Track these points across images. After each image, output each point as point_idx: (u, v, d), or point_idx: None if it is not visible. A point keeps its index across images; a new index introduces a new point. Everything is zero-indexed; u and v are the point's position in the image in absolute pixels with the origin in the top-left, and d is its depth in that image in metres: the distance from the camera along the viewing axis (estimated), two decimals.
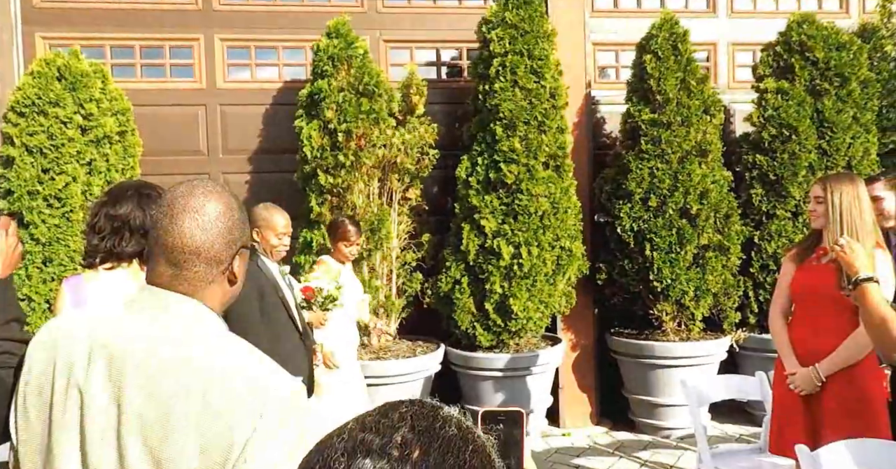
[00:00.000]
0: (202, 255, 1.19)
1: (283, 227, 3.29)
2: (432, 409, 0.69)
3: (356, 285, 4.07)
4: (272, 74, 5.11)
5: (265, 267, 3.26)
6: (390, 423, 0.65)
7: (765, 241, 4.99)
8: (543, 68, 4.70)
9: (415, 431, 0.64)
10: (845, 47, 5.05)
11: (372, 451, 0.62)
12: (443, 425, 0.66)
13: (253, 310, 3.12)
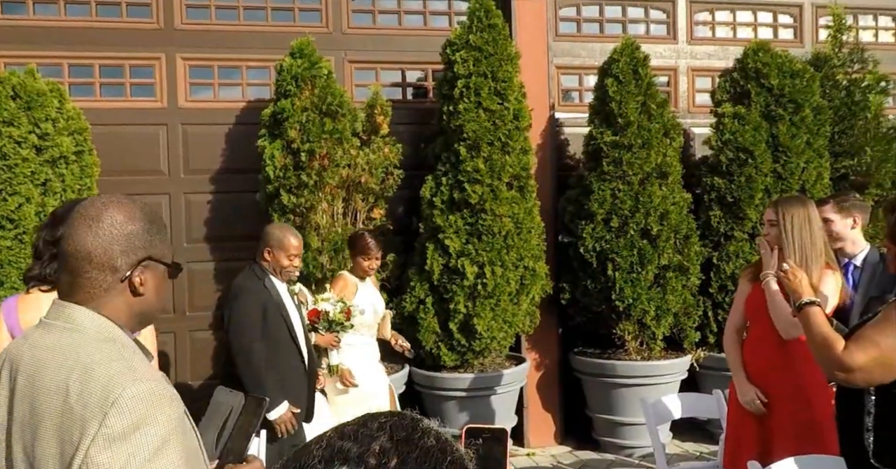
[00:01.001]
0: (94, 260, 1.21)
1: (296, 248, 3.29)
2: (412, 420, 0.69)
3: (377, 300, 4.05)
4: (236, 94, 5.09)
5: (272, 286, 3.26)
6: (369, 433, 0.65)
7: (723, 261, 5.09)
8: (507, 90, 4.76)
9: (393, 441, 0.64)
10: (799, 75, 5.21)
11: (349, 458, 0.62)
12: (422, 436, 0.66)
13: (253, 327, 3.15)
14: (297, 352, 3.26)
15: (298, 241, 3.31)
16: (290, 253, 3.26)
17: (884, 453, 1.98)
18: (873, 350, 1.89)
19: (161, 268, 1.29)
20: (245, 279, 3.33)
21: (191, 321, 4.94)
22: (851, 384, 1.95)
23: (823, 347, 1.99)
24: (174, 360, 4.92)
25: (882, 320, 1.94)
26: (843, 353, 1.92)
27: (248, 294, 3.21)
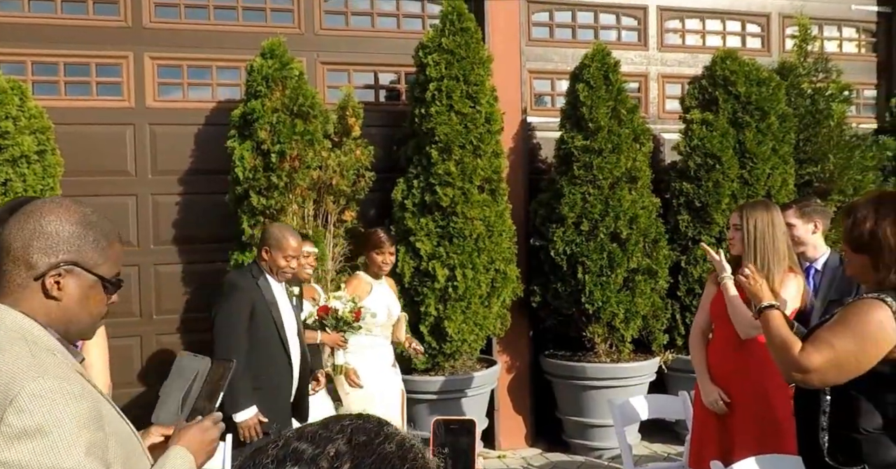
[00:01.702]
0: (11, 253, 1.20)
1: (293, 249, 3.27)
2: (377, 424, 0.67)
3: (392, 302, 4.00)
4: (205, 94, 5.03)
5: (265, 285, 3.24)
6: (327, 435, 0.64)
7: (691, 265, 5.16)
8: (479, 93, 4.78)
9: (350, 445, 0.63)
10: (765, 83, 5.32)
11: (301, 460, 0.61)
12: (382, 442, 0.64)
13: (239, 325, 3.13)
14: (284, 353, 3.24)
15: (297, 243, 3.29)
16: (287, 253, 3.24)
17: (838, 451, 2.01)
18: (828, 352, 1.92)
19: (89, 277, 1.25)
20: (237, 276, 3.34)
21: (158, 325, 4.86)
22: (807, 385, 1.99)
23: (781, 349, 2.02)
24: (141, 364, 4.84)
25: (837, 323, 1.98)
26: (799, 354, 1.95)
27: (238, 291, 3.20)
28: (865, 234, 2.01)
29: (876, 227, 1.99)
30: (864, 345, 1.92)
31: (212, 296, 4.35)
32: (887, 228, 1.98)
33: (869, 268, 2.03)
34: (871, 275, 2.04)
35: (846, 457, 2.00)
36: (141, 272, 4.80)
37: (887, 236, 1.97)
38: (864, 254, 2.04)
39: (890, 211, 2.00)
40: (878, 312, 1.93)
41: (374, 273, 3.95)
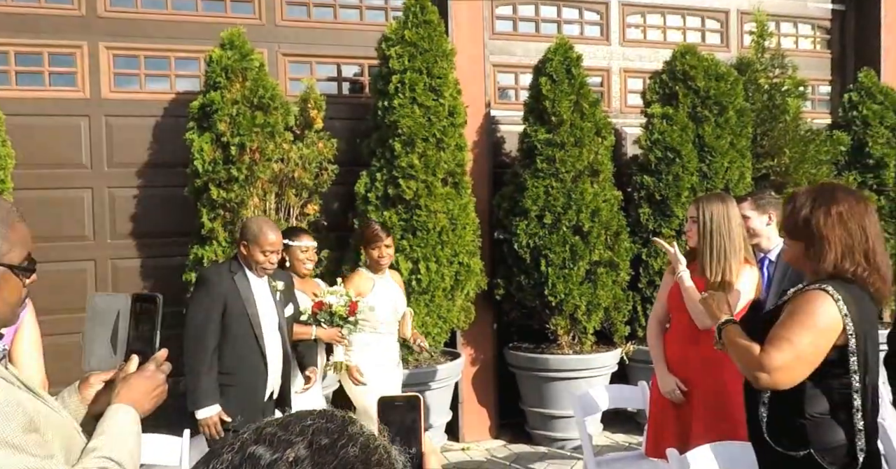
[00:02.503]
0: None
1: (271, 244, 3.15)
2: (341, 424, 0.65)
3: (397, 297, 3.88)
4: (163, 85, 4.93)
5: (242, 280, 3.15)
6: (287, 437, 0.61)
7: (652, 257, 5.23)
8: (442, 86, 4.77)
9: (311, 449, 0.60)
10: (723, 78, 5.40)
11: (259, 466, 0.58)
12: (345, 444, 0.62)
13: (208, 320, 3.06)
14: (258, 350, 3.15)
15: (276, 237, 3.19)
16: (264, 248, 3.14)
17: (783, 436, 2.07)
18: (788, 348, 1.96)
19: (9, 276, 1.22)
20: (211, 271, 3.26)
21: None
22: (778, 385, 1.99)
23: (743, 357, 2.06)
24: None
25: (789, 319, 2.01)
26: (761, 356, 1.98)
27: (209, 286, 3.12)
28: (801, 222, 2.07)
29: (811, 215, 2.05)
30: (819, 336, 1.97)
31: (172, 290, 4.30)
32: (821, 217, 2.03)
33: (802, 255, 2.09)
34: (805, 262, 2.10)
35: (792, 441, 2.05)
36: (97, 267, 4.70)
37: (820, 225, 2.03)
38: (800, 241, 2.09)
39: (826, 201, 2.06)
40: (823, 303, 1.98)
41: (374, 268, 3.83)
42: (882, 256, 2.06)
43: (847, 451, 2.02)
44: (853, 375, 2.01)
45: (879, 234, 2.08)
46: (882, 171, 5.95)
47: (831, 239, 2.02)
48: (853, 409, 2.02)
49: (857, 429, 2.02)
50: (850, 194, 2.11)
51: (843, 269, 2.02)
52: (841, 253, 2.01)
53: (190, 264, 4.43)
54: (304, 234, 3.79)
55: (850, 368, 2.00)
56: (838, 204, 2.04)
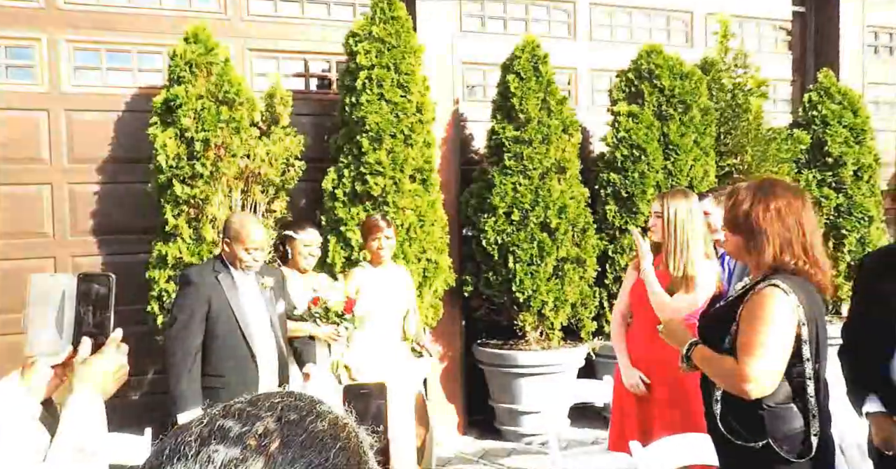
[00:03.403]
0: None
1: (254, 241, 3.07)
2: (310, 403, 0.64)
3: (397, 293, 3.71)
4: (125, 80, 4.84)
5: (227, 279, 3.07)
6: (256, 412, 0.61)
7: (618, 254, 5.29)
8: (410, 83, 4.77)
9: (280, 423, 0.60)
10: (688, 77, 5.49)
11: (228, 438, 0.58)
12: (314, 420, 0.62)
13: (191, 322, 2.99)
14: (247, 350, 3.07)
15: (260, 234, 3.11)
16: (247, 246, 3.07)
17: (732, 421, 2.12)
18: (764, 354, 2.00)
19: None
20: (194, 271, 3.18)
21: None
22: (767, 392, 2.02)
23: (721, 373, 2.09)
24: None
25: (753, 322, 2.04)
26: (739, 369, 2.01)
27: (191, 286, 3.05)
28: (741, 216, 2.12)
29: (751, 210, 2.10)
30: (785, 334, 2.02)
31: (135, 288, 4.23)
32: (760, 212, 2.09)
33: (742, 248, 2.14)
34: (746, 255, 2.16)
35: (749, 432, 2.09)
36: (57, 264, 4.60)
37: (759, 220, 2.08)
38: (739, 234, 2.15)
39: (765, 196, 2.11)
40: (778, 299, 2.03)
41: (374, 261, 3.70)
42: (819, 250, 2.12)
43: (803, 438, 2.07)
44: (806, 363, 2.06)
45: (816, 229, 2.15)
46: (840, 170, 6.10)
47: (770, 233, 2.07)
48: (807, 395, 2.08)
49: (811, 414, 2.08)
50: (789, 190, 2.17)
51: (783, 262, 2.07)
52: (780, 246, 2.07)
53: (153, 262, 4.36)
54: (309, 227, 3.70)
55: (803, 357, 2.06)
56: (777, 199, 2.09)
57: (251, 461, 0.56)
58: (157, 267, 4.34)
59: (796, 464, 2.06)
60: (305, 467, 0.57)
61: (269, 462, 0.56)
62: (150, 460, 0.59)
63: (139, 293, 4.30)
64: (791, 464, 2.06)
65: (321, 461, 0.58)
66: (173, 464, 0.56)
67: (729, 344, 2.12)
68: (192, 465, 0.56)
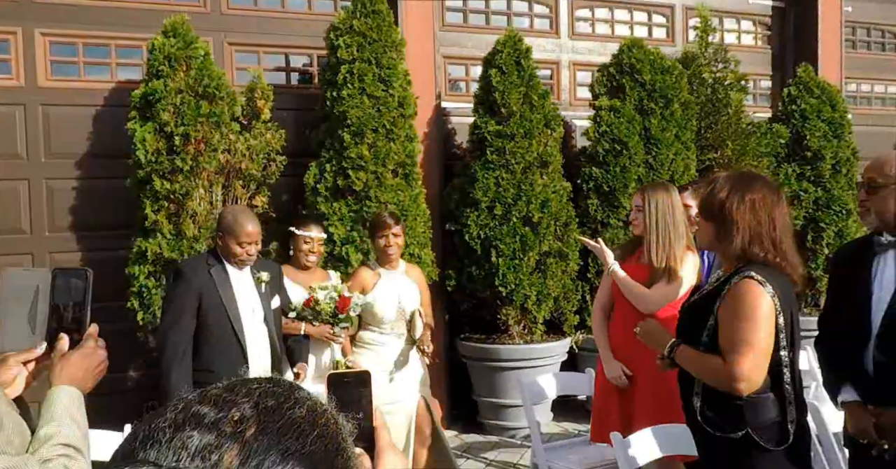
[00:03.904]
0: None
1: (247, 235, 3.02)
2: (288, 388, 0.63)
3: (406, 295, 3.58)
4: (103, 74, 4.78)
5: (219, 274, 3.03)
6: (232, 398, 0.60)
7: None
8: (391, 77, 4.75)
9: (257, 409, 0.59)
10: (669, 71, 5.52)
11: (202, 424, 0.56)
12: (292, 406, 0.61)
13: (182, 317, 2.95)
14: (238, 346, 3.03)
15: (253, 227, 3.05)
16: (240, 240, 3.01)
17: (711, 414, 2.14)
18: (749, 350, 2.01)
19: None
20: (186, 264, 3.14)
21: None
22: (756, 388, 2.04)
23: (710, 372, 2.11)
24: None
25: (735, 318, 2.06)
26: (727, 367, 2.03)
27: (183, 280, 3.01)
28: (716, 204, 2.15)
29: (726, 199, 2.12)
30: (767, 327, 2.04)
31: (115, 285, 4.19)
32: (735, 202, 2.11)
33: (713, 236, 2.17)
34: (716, 244, 2.18)
35: (729, 423, 2.11)
36: (35, 261, 4.54)
37: (732, 210, 2.11)
38: (712, 222, 2.17)
39: (742, 188, 2.14)
40: (756, 292, 2.05)
41: (382, 260, 3.58)
42: (789, 246, 2.15)
43: (780, 426, 2.10)
44: (782, 351, 2.09)
45: (788, 226, 2.18)
46: (819, 164, 6.16)
47: (741, 224, 2.10)
48: (784, 383, 2.10)
49: (787, 402, 2.11)
50: (766, 185, 2.20)
51: (752, 253, 2.09)
52: (749, 238, 2.09)
53: (133, 257, 4.32)
54: (312, 224, 3.62)
55: (780, 345, 2.08)
56: (753, 192, 2.12)
57: (226, 447, 0.55)
58: (137, 263, 4.30)
59: (774, 452, 2.09)
60: (281, 454, 0.56)
61: (244, 448, 0.55)
62: (122, 446, 0.58)
63: (119, 290, 4.26)
64: (769, 452, 2.09)
65: (298, 448, 0.58)
66: (146, 449, 0.55)
67: (707, 338, 2.14)
68: (166, 452, 0.55)
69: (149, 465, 0.53)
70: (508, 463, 4.56)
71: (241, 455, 0.55)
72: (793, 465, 2.13)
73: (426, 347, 3.51)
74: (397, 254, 3.61)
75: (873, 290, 2.27)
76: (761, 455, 2.09)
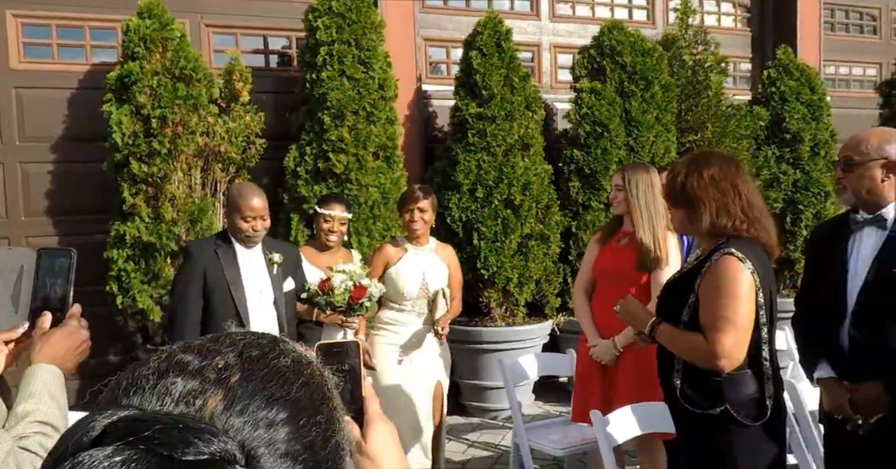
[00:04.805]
0: None
1: (251, 209, 2.91)
2: (273, 341, 0.63)
3: (433, 272, 3.37)
4: (78, 56, 4.70)
5: (226, 253, 2.93)
6: (216, 348, 0.60)
7: (581, 230, 5.34)
8: (371, 59, 4.71)
9: (242, 358, 0.59)
10: (649, 54, 5.52)
11: (186, 371, 0.56)
12: (276, 356, 0.60)
13: (186, 296, 2.88)
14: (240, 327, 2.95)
15: (258, 201, 2.93)
16: (244, 214, 2.91)
17: (699, 396, 2.16)
18: (731, 327, 2.03)
19: None
20: (193, 243, 3.08)
21: None
22: (737, 364, 2.06)
23: (691, 351, 2.12)
24: None
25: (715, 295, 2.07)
26: (709, 345, 2.04)
27: (189, 260, 2.95)
28: (678, 188, 2.16)
29: (686, 181, 2.14)
30: (748, 303, 2.05)
31: (93, 269, 4.14)
32: (695, 182, 2.12)
33: (686, 220, 2.18)
34: (690, 226, 2.19)
35: (708, 400, 2.13)
36: (11, 246, 4.47)
37: (693, 188, 2.12)
38: (680, 207, 2.18)
39: (700, 166, 2.15)
40: (736, 268, 2.06)
41: (409, 236, 3.40)
42: (760, 210, 2.17)
43: (758, 402, 2.13)
44: (762, 328, 2.11)
45: (754, 191, 2.19)
46: (798, 146, 6.21)
47: (705, 200, 2.11)
48: (762, 359, 2.13)
49: (766, 377, 2.13)
50: (723, 159, 2.22)
51: (721, 226, 2.11)
52: (716, 211, 2.11)
53: (111, 241, 4.27)
54: (335, 202, 3.43)
55: (760, 322, 2.10)
56: (709, 167, 2.14)
57: (210, 393, 0.55)
58: (116, 247, 4.25)
59: (751, 427, 2.12)
60: (266, 400, 0.56)
61: (228, 394, 0.55)
62: (105, 394, 0.57)
63: (97, 274, 4.21)
64: (746, 427, 2.11)
65: (283, 394, 0.58)
66: (129, 396, 0.55)
67: (688, 316, 2.15)
68: (150, 398, 0.54)
69: (132, 409, 0.53)
70: (490, 444, 4.59)
71: (226, 400, 0.55)
72: (769, 440, 2.16)
73: (441, 328, 3.30)
74: (423, 230, 3.39)
75: (849, 267, 2.30)
76: (739, 430, 2.11)
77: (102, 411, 0.52)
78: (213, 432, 0.51)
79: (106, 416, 0.51)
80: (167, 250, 4.23)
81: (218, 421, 0.53)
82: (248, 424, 0.54)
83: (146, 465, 0.48)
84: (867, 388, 2.21)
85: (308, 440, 0.57)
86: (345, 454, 0.62)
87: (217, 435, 0.51)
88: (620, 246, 3.16)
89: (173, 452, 0.48)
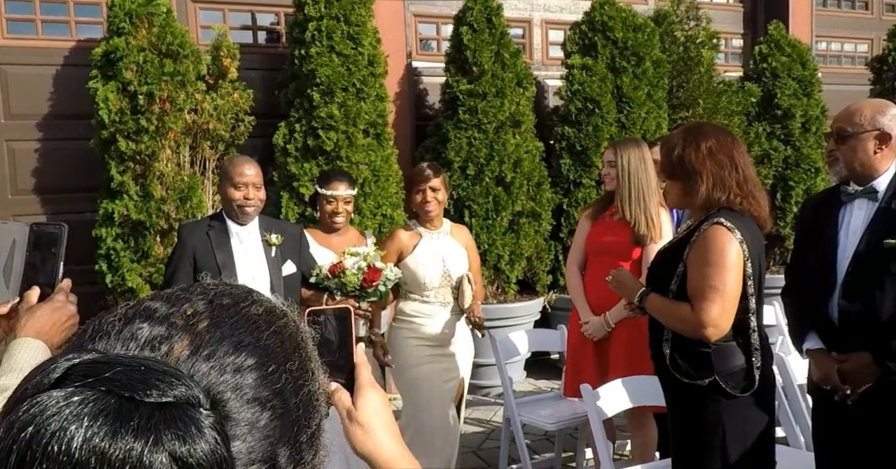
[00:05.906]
0: None
1: (241, 175, 2.69)
2: (246, 291, 0.63)
3: (453, 259, 3.13)
4: (62, 32, 4.62)
5: (218, 234, 2.74)
6: (186, 296, 0.59)
7: (573, 207, 5.34)
8: (361, 35, 4.66)
9: (212, 305, 0.58)
10: (641, 29, 5.48)
11: (153, 317, 0.55)
12: (248, 305, 0.60)
13: (175, 279, 2.74)
14: None
15: (250, 169, 2.74)
16: (235, 181, 2.69)
17: (679, 361, 2.18)
18: (718, 296, 2.03)
19: None
20: (185, 224, 2.95)
21: None
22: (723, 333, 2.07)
23: (678, 320, 2.13)
24: None
25: (703, 265, 2.08)
26: (696, 314, 2.05)
27: (180, 242, 2.83)
28: (675, 160, 2.15)
29: (684, 153, 2.13)
30: (736, 272, 2.06)
31: (81, 247, 4.11)
32: (692, 153, 2.12)
33: (682, 193, 2.18)
34: (686, 200, 2.19)
35: (696, 370, 2.15)
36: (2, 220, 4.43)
37: (691, 160, 2.12)
38: (677, 180, 2.18)
39: (696, 138, 2.14)
40: (725, 238, 2.06)
41: (421, 220, 3.14)
42: (754, 182, 2.17)
43: (746, 372, 2.15)
44: (750, 299, 2.12)
45: (749, 165, 2.19)
46: (789, 122, 6.21)
47: (702, 172, 2.11)
48: (750, 330, 2.14)
49: (753, 348, 2.14)
50: (719, 130, 2.21)
51: (715, 198, 2.11)
52: (712, 183, 2.11)
53: (100, 220, 4.24)
54: (336, 180, 3.09)
55: (748, 293, 2.11)
56: (707, 139, 2.13)
57: (176, 338, 0.54)
58: (104, 225, 4.22)
59: (740, 398, 2.14)
60: (234, 346, 0.55)
61: (195, 339, 0.55)
62: (72, 341, 0.57)
63: (86, 253, 4.18)
64: (735, 398, 2.13)
65: (252, 340, 0.57)
66: (94, 342, 0.54)
67: (675, 285, 2.16)
68: (115, 343, 0.54)
69: (95, 352, 0.52)
70: (482, 420, 4.63)
71: (192, 345, 0.54)
72: (758, 410, 2.19)
73: (475, 317, 3.10)
74: (437, 211, 3.13)
75: (839, 239, 2.31)
76: (727, 401, 2.13)
77: (65, 355, 0.51)
78: (176, 376, 0.50)
79: (67, 360, 0.50)
80: (156, 228, 4.20)
81: (183, 366, 0.53)
82: (214, 369, 0.53)
83: (104, 405, 0.47)
84: (856, 359, 2.23)
85: (277, 387, 0.56)
86: (318, 405, 0.61)
87: (181, 378, 0.50)
88: (613, 221, 3.16)
89: (134, 394, 0.48)
